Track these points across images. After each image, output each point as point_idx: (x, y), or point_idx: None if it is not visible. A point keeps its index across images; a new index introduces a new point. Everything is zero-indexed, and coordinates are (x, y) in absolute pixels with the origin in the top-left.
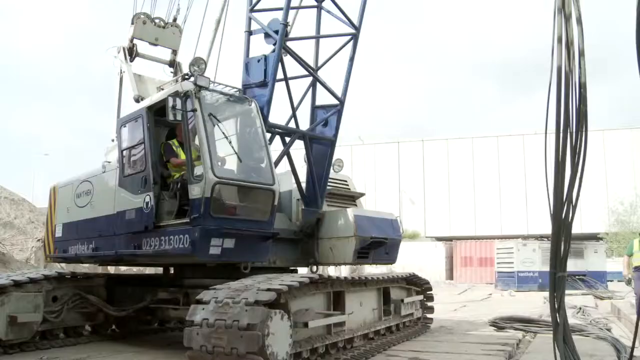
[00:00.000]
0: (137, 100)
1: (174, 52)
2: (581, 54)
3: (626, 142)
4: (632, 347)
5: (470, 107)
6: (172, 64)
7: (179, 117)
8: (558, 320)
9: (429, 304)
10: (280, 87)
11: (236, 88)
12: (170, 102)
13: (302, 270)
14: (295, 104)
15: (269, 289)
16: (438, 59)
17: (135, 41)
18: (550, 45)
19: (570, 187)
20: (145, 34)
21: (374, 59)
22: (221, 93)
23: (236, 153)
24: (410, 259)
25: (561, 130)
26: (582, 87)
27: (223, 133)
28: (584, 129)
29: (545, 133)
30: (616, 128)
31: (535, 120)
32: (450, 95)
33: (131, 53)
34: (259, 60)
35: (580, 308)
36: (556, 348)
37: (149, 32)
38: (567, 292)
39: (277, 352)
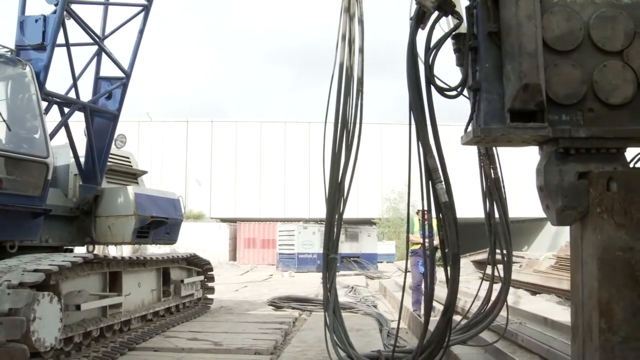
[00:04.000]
0: None
1: None
2: (361, 51)
3: (400, 137)
4: (399, 321)
5: (262, 92)
6: None
7: None
8: (330, 298)
9: (210, 284)
10: (60, 52)
11: (8, 48)
12: None
13: (79, 250)
14: (77, 73)
15: (36, 270)
16: (233, 42)
17: None
18: (336, 41)
19: (344, 175)
20: None
21: (167, 35)
22: None
23: (4, 121)
24: (194, 240)
25: (339, 122)
26: (359, 82)
27: None
28: (359, 122)
29: (325, 122)
30: (392, 123)
31: (323, 110)
32: (244, 78)
33: None
34: (37, 20)
35: (352, 287)
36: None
37: None
38: (342, 272)
39: (44, 338)
